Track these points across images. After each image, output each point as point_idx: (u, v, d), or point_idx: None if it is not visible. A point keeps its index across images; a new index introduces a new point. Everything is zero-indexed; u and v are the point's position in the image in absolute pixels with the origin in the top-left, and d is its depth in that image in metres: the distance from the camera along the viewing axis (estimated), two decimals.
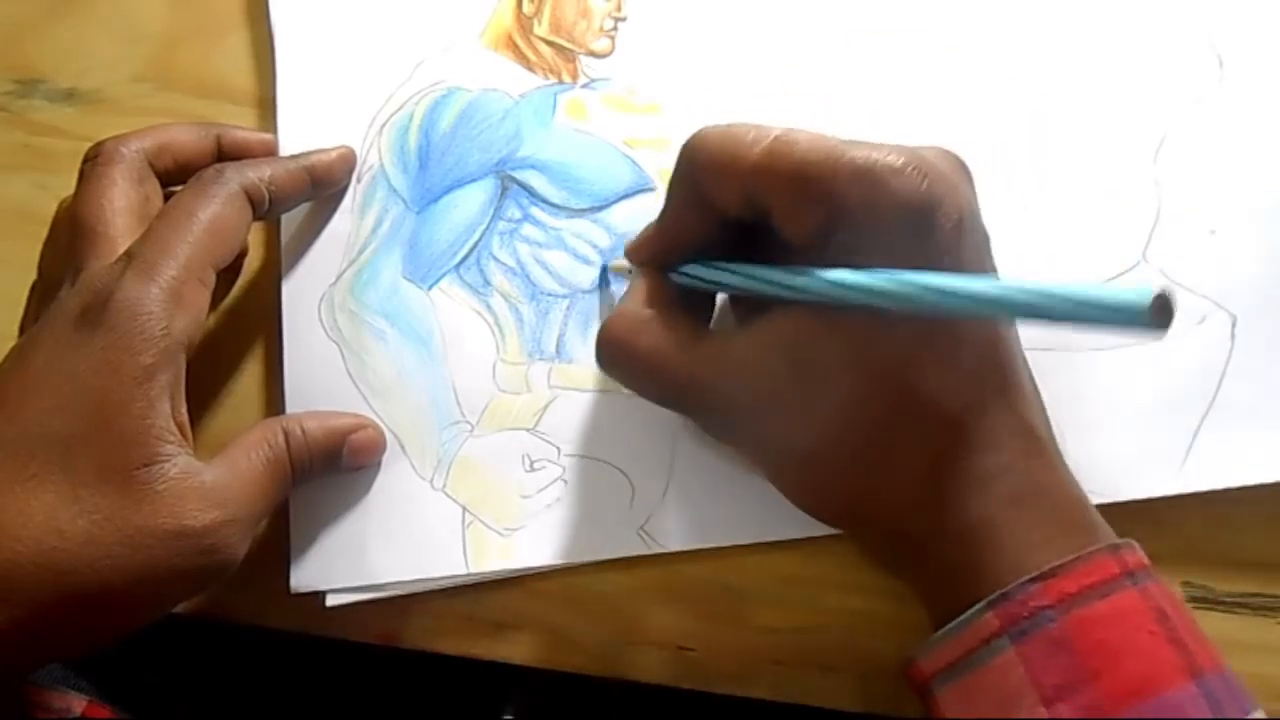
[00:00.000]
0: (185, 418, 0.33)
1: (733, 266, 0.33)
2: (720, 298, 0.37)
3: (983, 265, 0.31)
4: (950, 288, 0.27)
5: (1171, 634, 0.28)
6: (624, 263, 0.36)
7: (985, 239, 0.31)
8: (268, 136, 0.39)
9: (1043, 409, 0.32)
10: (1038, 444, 0.31)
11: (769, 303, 0.31)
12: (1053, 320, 0.25)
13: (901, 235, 0.29)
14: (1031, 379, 0.32)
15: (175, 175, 0.37)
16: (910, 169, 0.29)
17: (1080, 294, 0.24)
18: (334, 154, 0.39)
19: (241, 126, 0.40)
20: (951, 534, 0.30)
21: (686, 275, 0.34)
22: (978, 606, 0.29)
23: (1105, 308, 0.24)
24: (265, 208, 0.36)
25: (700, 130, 0.32)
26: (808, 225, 0.30)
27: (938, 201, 0.29)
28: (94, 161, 0.35)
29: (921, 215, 0.29)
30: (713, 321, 0.37)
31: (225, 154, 0.38)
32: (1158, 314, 0.23)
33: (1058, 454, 0.31)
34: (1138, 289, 0.23)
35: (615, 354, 0.34)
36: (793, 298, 0.30)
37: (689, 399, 0.33)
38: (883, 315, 0.29)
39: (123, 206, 0.35)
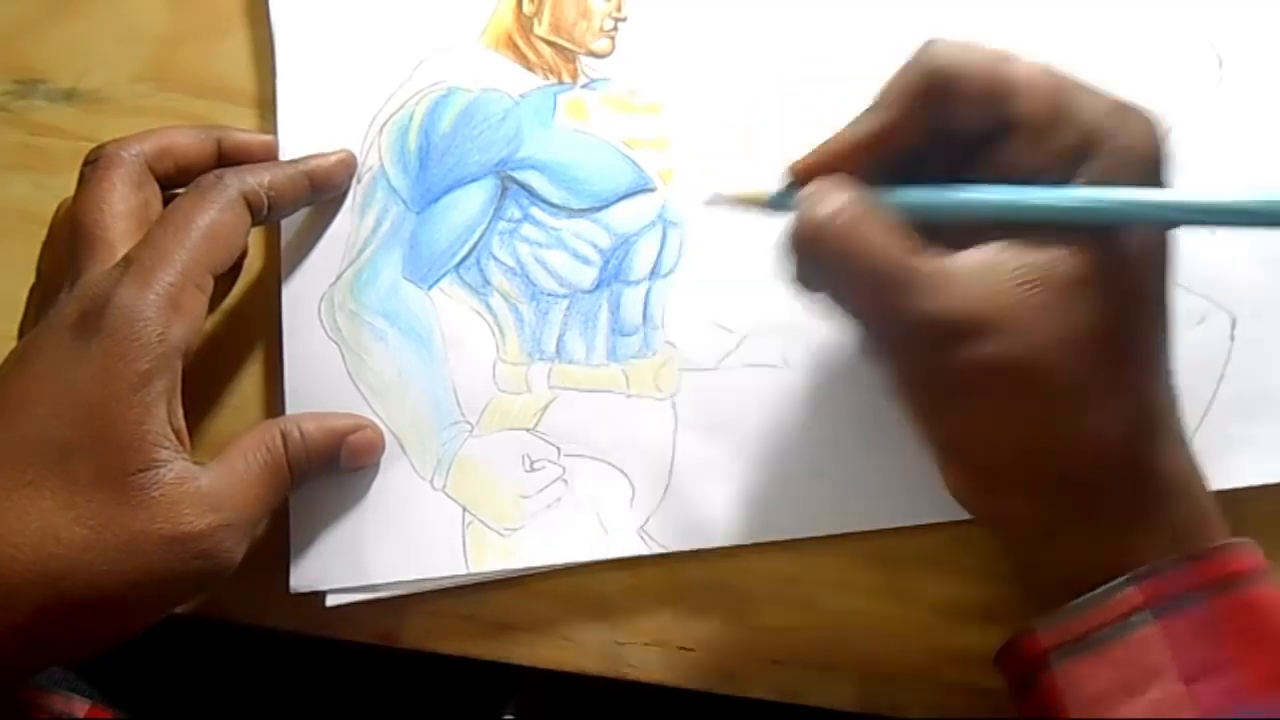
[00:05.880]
0: (182, 423, 0.33)
1: (956, 188, 0.30)
2: None
3: None
4: (1200, 203, 0.29)
5: None
6: (750, 192, 0.33)
7: None
8: (268, 138, 0.39)
9: None
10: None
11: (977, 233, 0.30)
12: None
13: (1142, 173, 0.29)
14: None
15: (175, 179, 0.37)
16: (1159, 121, 0.30)
17: None
18: (334, 158, 0.38)
19: (242, 129, 0.39)
20: (1156, 481, 0.30)
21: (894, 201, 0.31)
22: (1121, 579, 0.29)
23: None
24: (265, 213, 0.36)
25: (940, 40, 0.31)
26: (1057, 150, 0.29)
27: (1169, 154, 0.30)
28: (93, 165, 0.35)
29: (1159, 160, 0.29)
30: None
31: (226, 157, 0.38)
32: None
33: None
34: None
35: (839, 243, 0.29)
36: (1028, 219, 0.29)
37: (904, 311, 0.29)
38: (1120, 243, 0.29)
39: (122, 211, 0.35)
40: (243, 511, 0.33)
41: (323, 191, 0.38)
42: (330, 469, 0.36)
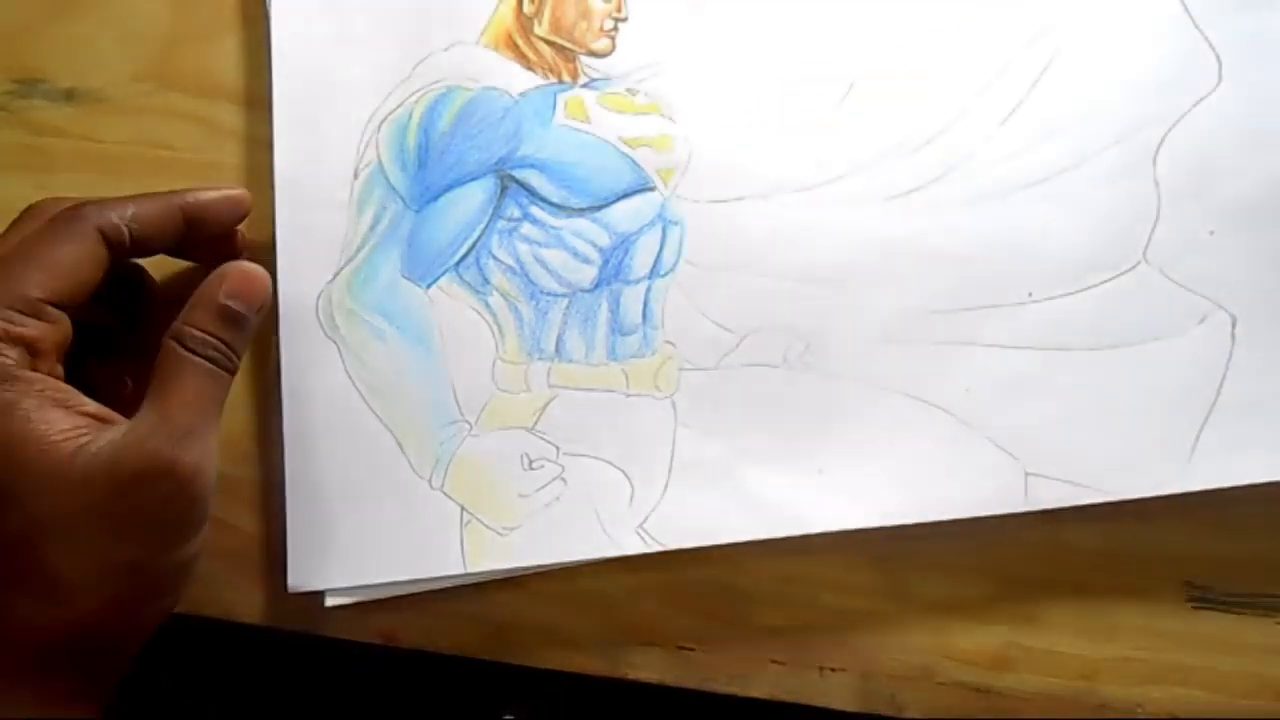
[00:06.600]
0: (88, 407, 0.32)
1: None
2: None
3: None
4: None
5: None
6: None
7: None
8: (234, 192, 0.37)
9: None
10: None
11: None
12: None
13: None
14: None
15: (140, 246, 0.35)
16: None
17: None
18: (214, 193, 0.37)
19: (206, 186, 0.37)
20: None
21: None
22: None
23: None
24: (128, 246, 0.34)
25: None
26: None
27: None
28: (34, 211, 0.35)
29: None
30: None
31: (191, 220, 0.36)
32: None
33: None
34: None
35: None
36: None
37: None
38: None
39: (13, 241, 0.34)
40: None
41: (201, 225, 0.36)
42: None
